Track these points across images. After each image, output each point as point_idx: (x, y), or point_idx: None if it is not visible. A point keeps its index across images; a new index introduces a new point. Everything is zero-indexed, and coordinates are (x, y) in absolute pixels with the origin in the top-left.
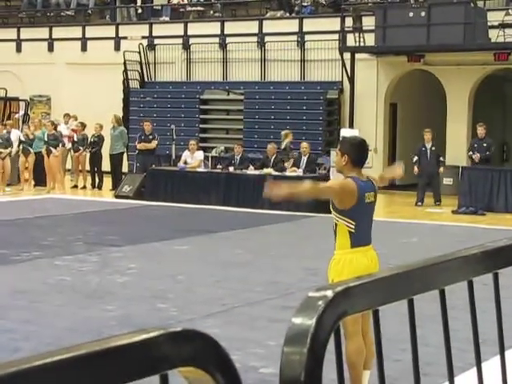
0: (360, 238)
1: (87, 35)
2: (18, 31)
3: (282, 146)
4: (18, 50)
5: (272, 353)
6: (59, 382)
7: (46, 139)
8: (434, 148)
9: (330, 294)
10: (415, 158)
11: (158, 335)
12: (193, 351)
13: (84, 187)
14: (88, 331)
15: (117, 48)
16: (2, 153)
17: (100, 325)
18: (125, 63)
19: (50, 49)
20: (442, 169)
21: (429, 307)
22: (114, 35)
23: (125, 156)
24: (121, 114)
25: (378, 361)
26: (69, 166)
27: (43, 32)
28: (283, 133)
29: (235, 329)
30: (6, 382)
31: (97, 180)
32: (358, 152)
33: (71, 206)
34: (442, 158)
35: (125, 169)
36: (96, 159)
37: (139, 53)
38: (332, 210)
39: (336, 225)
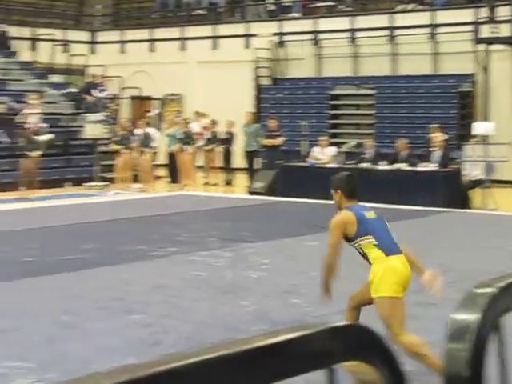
0: (388, 247)
1: (218, 33)
2: (152, 32)
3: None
4: (152, 49)
5: None
6: (230, 377)
7: (179, 137)
8: None
9: (492, 289)
10: None
11: (323, 330)
12: (358, 346)
13: (216, 184)
14: (226, 326)
15: (247, 45)
16: (144, 152)
17: (236, 320)
18: (255, 60)
19: (182, 48)
20: None
21: None
22: (244, 33)
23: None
24: (252, 111)
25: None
26: (200, 163)
27: (175, 32)
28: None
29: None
30: (171, 376)
31: (228, 177)
32: (347, 185)
33: (204, 203)
34: None
35: (258, 165)
36: (227, 156)
37: (269, 50)
38: (349, 243)
39: (361, 249)
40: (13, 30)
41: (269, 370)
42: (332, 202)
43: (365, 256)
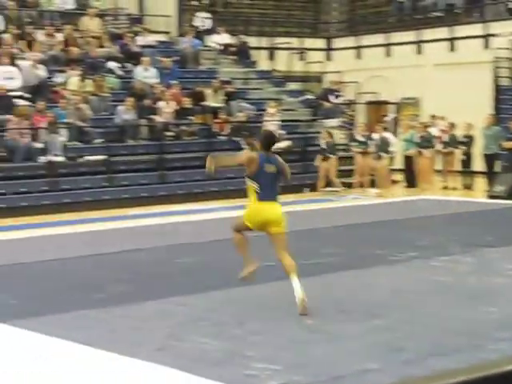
0: (263, 195)
1: (455, 35)
2: (387, 36)
3: None
4: (388, 54)
5: None
6: None
7: (415, 141)
8: None
9: None
10: None
11: None
12: None
13: (455, 188)
14: (471, 333)
15: (486, 46)
16: (381, 156)
17: (482, 327)
18: (495, 61)
19: (419, 51)
20: None
21: None
22: (483, 33)
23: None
24: (491, 113)
25: None
26: (439, 166)
27: (411, 35)
28: None
29: None
30: None
31: (467, 180)
32: (263, 140)
33: (442, 207)
34: None
35: (498, 169)
36: (466, 159)
37: (510, 49)
38: (245, 177)
39: (247, 189)
40: (252, 41)
41: None
42: None
43: (247, 195)
